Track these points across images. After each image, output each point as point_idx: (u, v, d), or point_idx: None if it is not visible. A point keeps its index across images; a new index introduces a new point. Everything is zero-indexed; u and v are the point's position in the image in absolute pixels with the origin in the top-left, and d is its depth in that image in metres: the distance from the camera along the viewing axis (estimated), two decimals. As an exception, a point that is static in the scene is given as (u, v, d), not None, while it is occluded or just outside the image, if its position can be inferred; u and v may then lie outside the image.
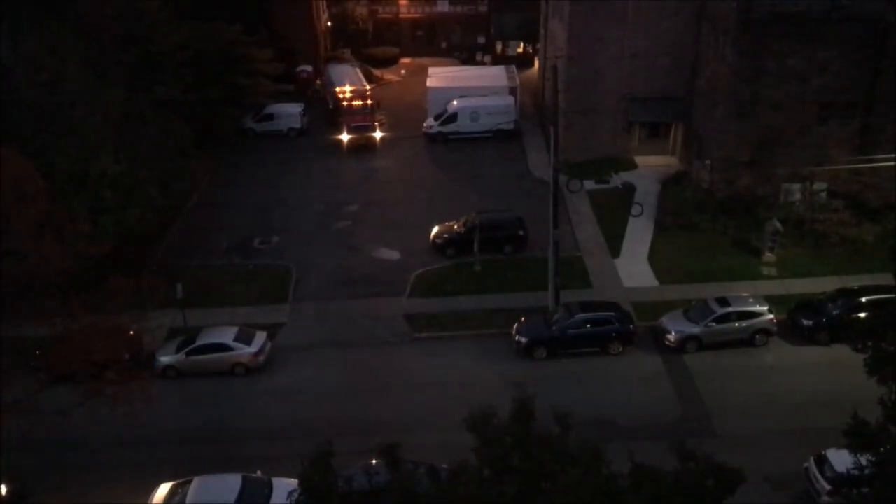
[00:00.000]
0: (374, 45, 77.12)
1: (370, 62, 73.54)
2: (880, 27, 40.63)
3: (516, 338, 35.66)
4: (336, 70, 64.28)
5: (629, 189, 48.67)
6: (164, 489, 27.99)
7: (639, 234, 44.01)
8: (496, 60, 71.94)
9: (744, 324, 35.03)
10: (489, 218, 43.44)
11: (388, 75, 73.45)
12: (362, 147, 56.91)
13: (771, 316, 35.23)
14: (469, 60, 74.58)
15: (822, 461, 26.99)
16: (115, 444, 31.21)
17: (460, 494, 17.74)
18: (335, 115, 59.35)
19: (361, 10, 77.67)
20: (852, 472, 21.01)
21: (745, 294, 36.87)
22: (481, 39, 77.01)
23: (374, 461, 21.34)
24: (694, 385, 33.38)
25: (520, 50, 74.27)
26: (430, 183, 51.98)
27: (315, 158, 56.25)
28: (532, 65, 71.19)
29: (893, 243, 29.09)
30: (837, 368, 32.66)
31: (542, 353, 35.16)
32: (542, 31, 61.83)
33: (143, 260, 41.86)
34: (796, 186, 43.13)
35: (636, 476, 18.18)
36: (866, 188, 41.63)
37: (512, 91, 59.22)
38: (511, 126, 56.75)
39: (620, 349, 35.32)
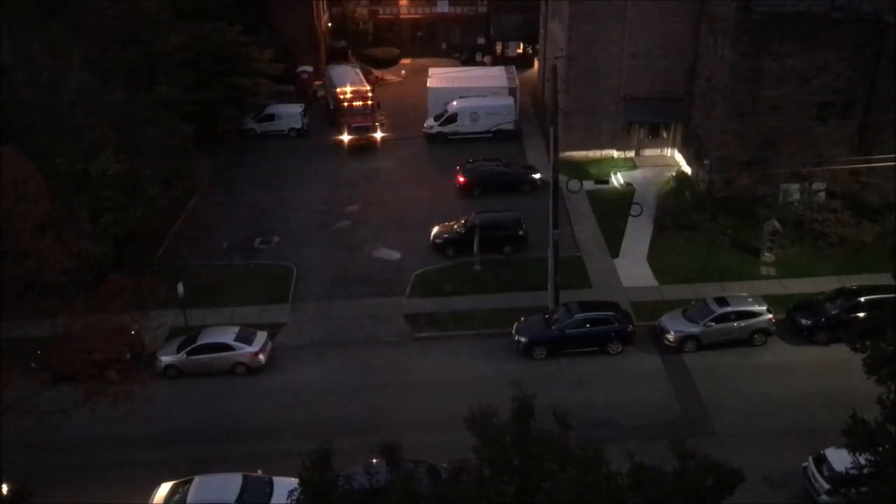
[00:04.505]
0: (374, 45, 77.22)
1: (370, 63, 73.62)
2: (879, 27, 40.68)
3: (516, 337, 35.73)
4: (336, 71, 64.36)
5: (629, 189, 48.76)
6: (164, 488, 28.05)
7: (638, 234, 44.08)
8: (496, 61, 72.04)
9: (742, 323, 35.09)
10: (489, 218, 43.54)
11: (389, 76, 73.52)
12: (363, 147, 56.98)
13: (770, 316, 35.29)
14: (469, 61, 74.66)
15: (820, 460, 27.03)
16: (116, 443, 31.27)
17: (460, 494, 17.80)
18: (336, 115, 59.44)
19: (362, 11, 77.74)
20: (851, 471, 21.10)
21: (744, 294, 36.92)
22: (481, 40, 77.08)
23: (374, 460, 21.43)
24: (693, 384, 33.43)
25: (520, 50, 74.38)
26: (431, 183, 52.04)
27: (316, 159, 56.30)
28: (532, 65, 71.27)
29: (892, 243, 29.09)
30: (836, 368, 32.78)
31: (541, 353, 35.21)
32: (541, 32, 61.88)
33: (144, 259, 41.91)
34: (795, 186, 43.15)
35: (636, 475, 18.24)
36: (865, 188, 41.66)
37: (512, 91, 59.29)
38: (511, 126, 56.84)
39: (620, 349, 35.38)
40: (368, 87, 60.56)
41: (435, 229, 44.47)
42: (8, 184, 26.84)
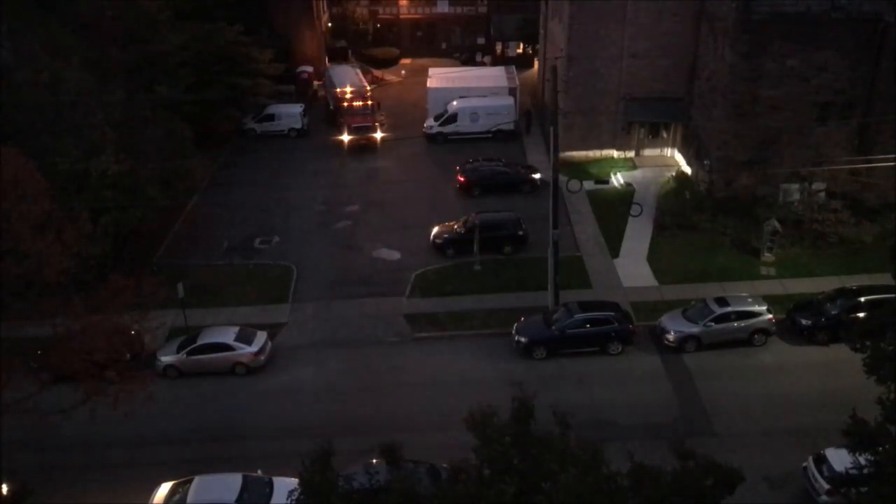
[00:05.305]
0: (374, 45, 77.23)
1: (370, 63, 73.62)
2: (879, 27, 40.67)
3: (516, 337, 35.73)
4: (336, 71, 64.40)
5: (629, 189, 48.77)
6: (164, 488, 28.05)
7: (638, 234, 44.08)
8: (496, 61, 72.08)
9: (742, 323, 35.08)
10: (489, 218, 43.56)
11: (389, 76, 73.53)
12: (363, 147, 57.01)
13: (770, 316, 35.29)
14: (469, 61, 74.68)
15: (820, 460, 27.03)
16: (116, 443, 31.28)
17: (460, 494, 17.80)
18: (336, 115, 59.45)
19: (362, 11, 77.75)
20: (851, 471, 21.10)
21: (744, 294, 36.92)
22: (481, 40, 77.10)
23: (374, 461, 21.45)
24: (693, 385, 33.42)
25: (519, 50, 74.40)
26: (431, 183, 52.05)
27: (315, 159, 56.32)
28: (532, 65, 71.28)
29: (892, 243, 29.09)
30: (836, 368, 32.78)
31: (541, 353, 35.21)
32: (541, 32, 61.89)
33: (144, 259, 41.92)
34: (795, 186, 43.16)
35: (636, 475, 18.23)
36: (865, 188, 41.68)
37: (512, 91, 59.32)
38: (511, 126, 56.86)
39: (620, 349, 35.38)
40: (368, 87, 60.59)
41: (435, 229, 44.47)
42: (8, 184, 26.80)
